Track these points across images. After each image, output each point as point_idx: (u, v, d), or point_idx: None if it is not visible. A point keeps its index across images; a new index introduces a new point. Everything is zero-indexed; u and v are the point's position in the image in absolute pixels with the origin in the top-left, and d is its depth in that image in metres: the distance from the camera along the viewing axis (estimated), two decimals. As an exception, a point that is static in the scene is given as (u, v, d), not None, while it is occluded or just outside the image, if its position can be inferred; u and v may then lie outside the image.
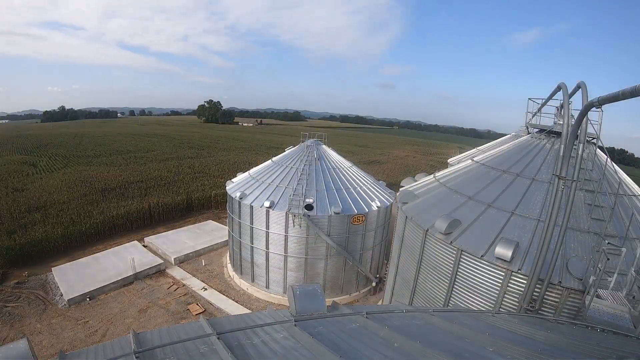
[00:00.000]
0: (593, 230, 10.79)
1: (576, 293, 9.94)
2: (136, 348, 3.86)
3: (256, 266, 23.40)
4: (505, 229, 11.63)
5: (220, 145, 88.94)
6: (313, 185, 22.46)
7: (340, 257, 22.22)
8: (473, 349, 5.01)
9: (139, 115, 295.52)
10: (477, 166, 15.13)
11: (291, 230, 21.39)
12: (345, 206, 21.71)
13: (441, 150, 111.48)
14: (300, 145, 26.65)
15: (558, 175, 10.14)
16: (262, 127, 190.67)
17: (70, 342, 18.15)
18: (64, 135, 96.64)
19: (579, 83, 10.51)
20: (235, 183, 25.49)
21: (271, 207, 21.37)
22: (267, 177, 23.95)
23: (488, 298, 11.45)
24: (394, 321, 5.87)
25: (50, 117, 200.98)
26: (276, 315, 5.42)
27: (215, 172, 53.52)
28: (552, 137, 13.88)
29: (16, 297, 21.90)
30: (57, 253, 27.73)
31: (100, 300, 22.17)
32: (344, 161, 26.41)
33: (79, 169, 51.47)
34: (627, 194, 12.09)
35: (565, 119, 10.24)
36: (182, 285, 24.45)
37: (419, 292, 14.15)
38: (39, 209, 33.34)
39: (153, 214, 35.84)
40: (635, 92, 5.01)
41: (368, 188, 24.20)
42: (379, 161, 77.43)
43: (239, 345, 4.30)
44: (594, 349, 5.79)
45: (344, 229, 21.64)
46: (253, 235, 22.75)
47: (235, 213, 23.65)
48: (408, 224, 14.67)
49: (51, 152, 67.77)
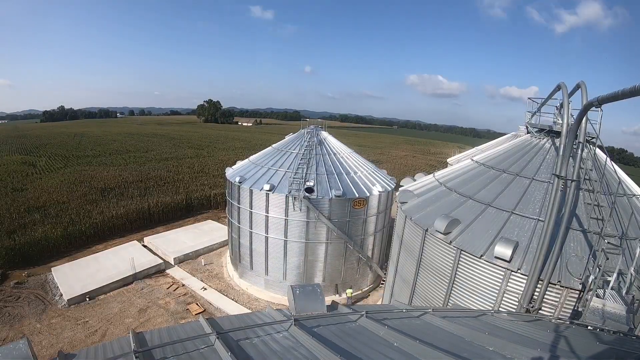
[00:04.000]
0: (592, 230, 10.79)
1: (576, 293, 9.94)
2: (136, 348, 3.87)
3: (255, 253, 23.26)
4: (505, 229, 11.62)
5: (219, 144, 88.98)
6: (313, 169, 22.40)
7: (341, 242, 22.09)
8: (473, 348, 5.01)
9: (138, 115, 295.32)
10: (477, 166, 15.13)
11: (291, 214, 21.25)
12: (346, 190, 21.61)
13: (440, 150, 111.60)
14: (301, 132, 26.40)
15: (557, 174, 10.15)
16: (261, 127, 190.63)
17: (70, 342, 18.14)
18: (63, 135, 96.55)
19: (578, 83, 10.53)
20: (235, 169, 25.46)
21: (271, 190, 21.22)
22: (267, 162, 23.88)
23: (488, 298, 11.45)
24: (394, 321, 5.87)
25: (50, 117, 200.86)
26: (276, 315, 5.42)
27: (215, 171, 53.45)
28: (552, 137, 13.89)
29: (16, 297, 21.88)
30: (56, 253, 27.72)
31: (100, 300, 22.16)
32: (345, 147, 26.26)
33: (79, 169, 51.43)
34: (626, 194, 12.09)
35: (564, 118, 10.24)
36: (181, 285, 24.44)
37: (418, 291, 14.14)
38: (38, 209, 33.31)
39: (152, 214, 35.80)
40: (635, 91, 5.01)
41: (369, 173, 24.14)
42: (379, 161, 77.30)
43: (239, 344, 4.30)
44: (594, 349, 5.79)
45: (345, 212, 21.56)
46: (252, 220, 22.64)
47: (235, 198, 23.53)
48: (407, 223, 14.66)
49: (51, 152, 67.69)
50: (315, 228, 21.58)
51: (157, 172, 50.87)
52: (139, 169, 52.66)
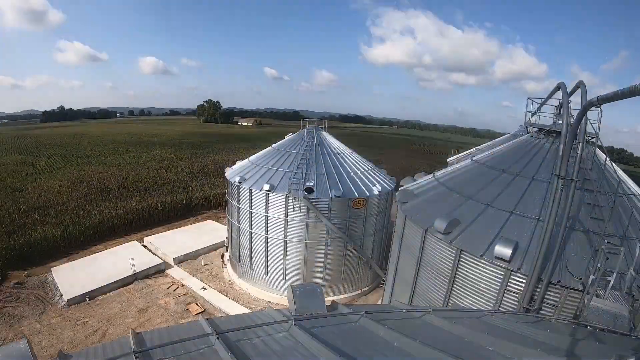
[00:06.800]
0: (592, 230, 10.79)
1: (576, 292, 9.94)
2: (136, 348, 3.87)
3: (255, 253, 23.27)
4: (505, 229, 11.61)
5: (219, 145, 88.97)
6: (313, 169, 22.40)
7: (341, 242, 22.13)
8: (473, 348, 5.01)
9: (138, 115, 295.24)
10: (477, 165, 15.13)
11: (291, 214, 21.28)
12: (346, 190, 21.64)
13: (440, 150, 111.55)
14: (300, 132, 26.39)
15: (557, 174, 10.16)
16: (261, 126, 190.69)
17: (70, 342, 18.13)
18: (63, 135, 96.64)
19: (578, 82, 10.54)
20: (235, 169, 25.48)
21: (271, 190, 21.25)
22: (267, 162, 23.91)
23: (488, 298, 11.45)
24: (394, 321, 5.87)
25: (50, 117, 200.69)
26: (276, 315, 5.41)
27: (215, 171, 53.44)
28: (552, 137, 13.89)
29: (16, 298, 21.88)
30: (56, 253, 27.70)
31: (100, 300, 22.15)
32: (345, 147, 26.28)
33: (78, 169, 51.46)
34: (626, 194, 12.09)
35: (564, 118, 10.25)
36: (181, 285, 24.44)
37: (418, 291, 14.14)
38: (38, 209, 33.32)
39: (152, 214, 35.79)
40: (635, 91, 5.00)
41: (369, 173, 24.15)
42: (379, 161, 77.23)
43: (239, 344, 4.30)
44: (594, 349, 5.79)
45: (344, 212, 21.58)
46: (252, 221, 22.66)
47: (234, 198, 23.54)
48: (407, 223, 14.66)
49: (50, 152, 67.73)
50: (315, 228, 21.58)
51: (157, 172, 50.91)
52: (139, 169, 52.69)
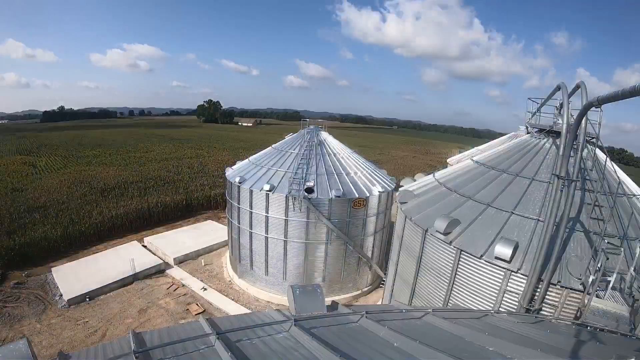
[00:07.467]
0: (592, 230, 10.79)
1: (576, 293, 9.94)
2: (136, 348, 3.87)
3: (255, 253, 23.28)
4: (505, 229, 11.62)
5: (219, 145, 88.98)
6: (313, 169, 22.41)
7: (341, 242, 22.15)
8: (473, 349, 5.01)
9: (138, 115, 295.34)
10: (477, 166, 15.13)
11: (291, 214, 21.30)
12: (346, 190, 21.66)
13: (440, 150, 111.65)
14: (300, 132, 26.41)
15: (557, 174, 10.16)
16: (261, 127, 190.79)
17: (70, 342, 18.13)
18: (63, 135, 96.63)
19: (578, 83, 10.54)
20: (235, 169, 25.50)
21: (271, 190, 21.27)
22: (267, 162, 23.93)
23: (488, 298, 11.45)
24: (394, 321, 5.87)
25: (50, 117, 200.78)
26: (276, 315, 5.42)
27: (215, 171, 53.44)
28: (552, 137, 13.89)
29: (16, 298, 21.88)
30: (56, 253, 27.67)
31: (100, 300, 22.15)
32: (345, 147, 26.29)
33: (79, 169, 51.43)
34: (626, 194, 12.09)
35: (564, 118, 10.24)
36: (181, 286, 24.44)
37: (418, 292, 14.14)
38: (38, 209, 33.28)
39: (152, 214, 35.77)
40: (635, 91, 5.00)
41: (369, 173, 24.15)
42: (379, 161, 77.25)
43: (239, 345, 4.30)
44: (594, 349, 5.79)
45: (344, 213, 21.58)
46: (252, 221, 22.68)
47: (235, 198, 23.55)
48: (407, 223, 14.66)
49: (51, 152, 67.71)
50: (315, 228, 21.59)
51: (157, 172, 50.84)
52: (139, 169, 52.65)
